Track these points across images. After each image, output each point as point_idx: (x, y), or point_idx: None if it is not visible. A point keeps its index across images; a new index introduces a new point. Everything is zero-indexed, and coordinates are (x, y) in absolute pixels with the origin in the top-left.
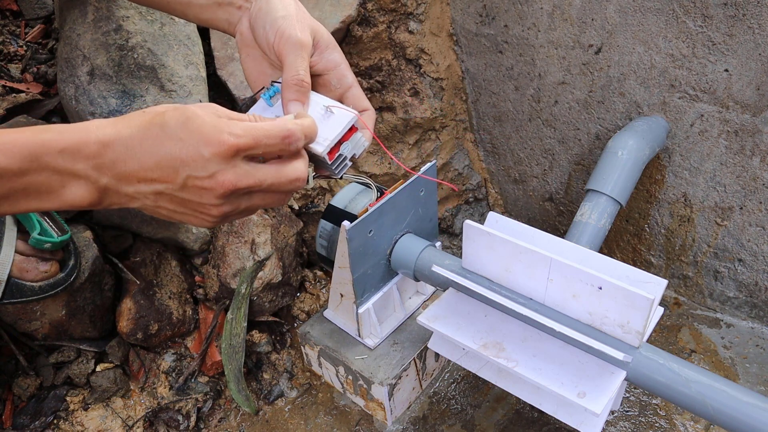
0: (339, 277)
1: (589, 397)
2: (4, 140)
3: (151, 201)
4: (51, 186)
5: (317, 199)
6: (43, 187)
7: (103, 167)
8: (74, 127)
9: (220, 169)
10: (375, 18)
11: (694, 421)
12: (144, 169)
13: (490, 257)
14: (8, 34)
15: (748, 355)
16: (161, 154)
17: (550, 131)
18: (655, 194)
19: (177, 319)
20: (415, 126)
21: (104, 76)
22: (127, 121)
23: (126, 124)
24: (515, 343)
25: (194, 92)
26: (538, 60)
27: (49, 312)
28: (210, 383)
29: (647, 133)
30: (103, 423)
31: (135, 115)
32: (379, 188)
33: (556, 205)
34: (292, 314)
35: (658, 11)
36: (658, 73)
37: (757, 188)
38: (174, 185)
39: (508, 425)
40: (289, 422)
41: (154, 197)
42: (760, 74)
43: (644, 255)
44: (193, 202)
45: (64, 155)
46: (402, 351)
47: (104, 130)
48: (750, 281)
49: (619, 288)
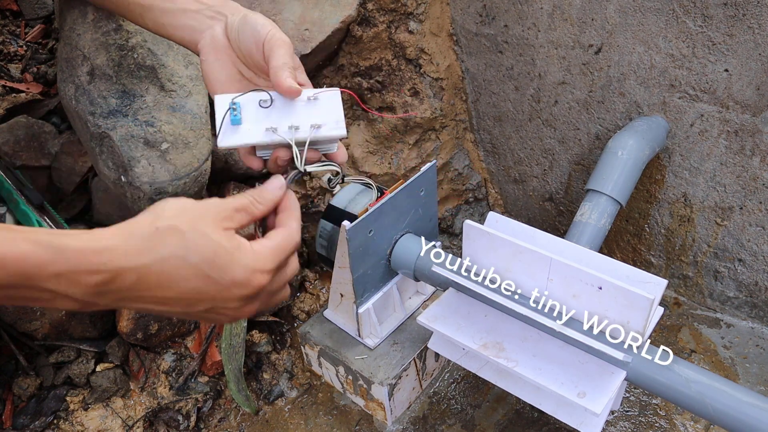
0: (339, 277)
1: (589, 397)
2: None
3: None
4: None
5: (317, 199)
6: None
7: (105, 294)
8: (79, 247)
9: (248, 303)
10: (375, 18)
11: (694, 421)
12: (159, 298)
13: (490, 257)
14: (8, 34)
15: (748, 355)
16: (184, 289)
17: (550, 131)
18: (655, 194)
19: (177, 319)
20: (415, 126)
21: (104, 76)
22: (141, 242)
23: (139, 247)
24: (515, 343)
25: (194, 92)
26: (538, 60)
27: (49, 312)
28: (210, 383)
29: (647, 133)
30: (103, 423)
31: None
32: (379, 188)
33: (556, 205)
34: (292, 314)
35: (658, 11)
36: (658, 73)
37: (757, 188)
38: (193, 310)
39: (508, 425)
40: (289, 422)
41: (163, 314)
42: (760, 74)
43: (644, 255)
44: (211, 319)
45: (60, 280)
46: (402, 351)
47: (114, 256)
48: (750, 281)
49: (619, 288)
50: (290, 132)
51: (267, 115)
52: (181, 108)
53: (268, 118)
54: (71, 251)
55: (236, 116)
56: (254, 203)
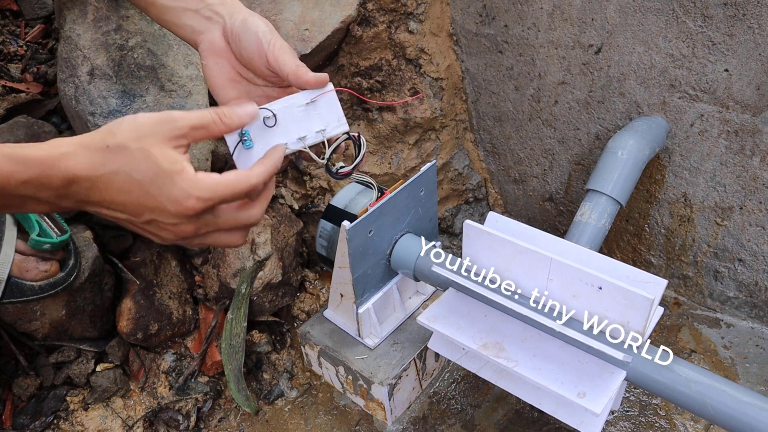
0: (339, 277)
1: (589, 397)
2: None
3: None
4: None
5: (317, 199)
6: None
7: (66, 196)
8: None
9: (183, 222)
10: (375, 18)
11: (694, 421)
12: (109, 202)
13: (490, 257)
14: (8, 34)
15: (748, 355)
16: (129, 199)
17: (550, 131)
18: (655, 194)
19: (177, 319)
20: (415, 126)
21: (104, 76)
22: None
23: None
24: (515, 343)
25: (194, 92)
26: (538, 60)
27: (49, 312)
28: (210, 383)
29: (647, 133)
30: (103, 423)
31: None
32: (379, 188)
33: (556, 205)
34: (292, 314)
35: (658, 11)
36: (658, 73)
37: (757, 188)
38: (137, 220)
39: (508, 425)
40: (289, 422)
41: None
42: (760, 74)
43: (644, 255)
44: (152, 233)
45: (27, 186)
46: (402, 351)
47: (69, 164)
48: (750, 281)
49: (619, 288)
50: (299, 143)
51: (273, 131)
52: (181, 108)
53: (276, 135)
54: (33, 160)
55: (247, 142)
56: (216, 122)
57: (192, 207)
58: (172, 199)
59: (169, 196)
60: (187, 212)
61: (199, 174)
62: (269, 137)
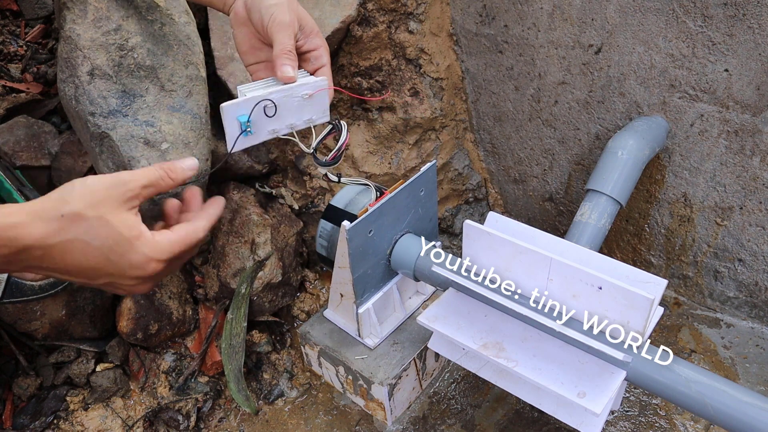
0: (339, 277)
1: (589, 397)
2: None
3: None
4: None
5: (317, 199)
6: None
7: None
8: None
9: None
10: (375, 18)
11: (694, 421)
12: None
13: (490, 257)
14: (8, 34)
15: (748, 355)
16: (87, 264)
17: (550, 131)
18: (655, 194)
19: (177, 319)
20: (415, 126)
21: (104, 76)
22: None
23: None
24: (515, 343)
25: (194, 92)
26: (538, 60)
27: (49, 312)
28: (210, 383)
29: (647, 133)
30: (103, 423)
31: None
32: (379, 188)
33: (556, 205)
34: (292, 314)
35: (658, 11)
36: (658, 73)
37: (757, 188)
38: (93, 282)
39: (508, 425)
40: (289, 422)
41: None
42: (760, 74)
43: (644, 255)
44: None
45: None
46: (402, 351)
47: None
48: (750, 281)
49: (619, 288)
50: (288, 128)
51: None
52: (181, 108)
53: (272, 122)
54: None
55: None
56: (164, 178)
57: (153, 269)
58: (133, 264)
59: (130, 262)
60: (148, 274)
61: (155, 236)
62: (267, 124)
